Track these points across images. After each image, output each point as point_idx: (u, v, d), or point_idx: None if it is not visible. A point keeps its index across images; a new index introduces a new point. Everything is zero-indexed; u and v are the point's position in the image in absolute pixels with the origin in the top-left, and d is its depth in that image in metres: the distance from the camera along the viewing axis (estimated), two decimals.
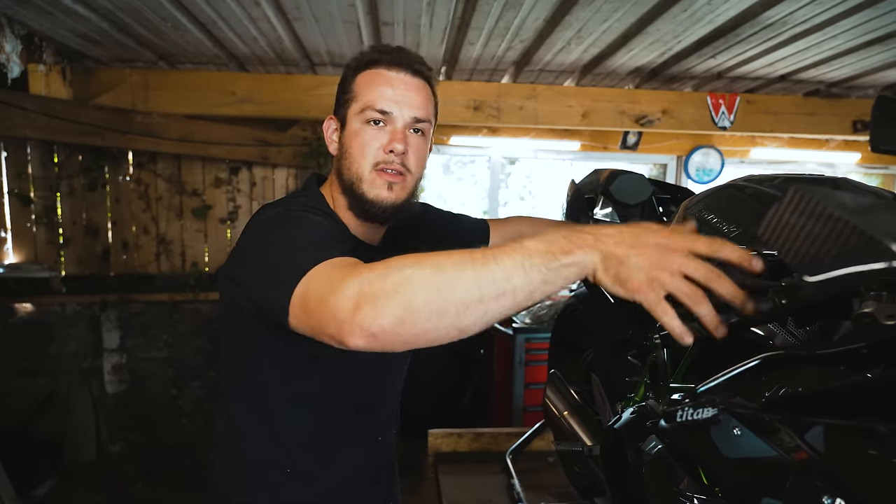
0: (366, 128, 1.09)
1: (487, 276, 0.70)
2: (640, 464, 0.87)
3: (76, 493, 3.55)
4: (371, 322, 0.71)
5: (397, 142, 1.08)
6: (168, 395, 4.24)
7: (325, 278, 0.79)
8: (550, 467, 2.10)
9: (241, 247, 1.04)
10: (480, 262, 0.70)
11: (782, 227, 0.63)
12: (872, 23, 2.78)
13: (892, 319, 0.55)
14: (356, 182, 1.10)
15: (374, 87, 1.10)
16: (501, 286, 0.69)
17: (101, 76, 3.75)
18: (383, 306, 0.71)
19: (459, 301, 0.70)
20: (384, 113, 1.09)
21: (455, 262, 0.71)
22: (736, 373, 0.64)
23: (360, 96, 1.10)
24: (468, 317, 0.71)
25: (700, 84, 4.07)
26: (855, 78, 3.80)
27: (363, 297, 0.72)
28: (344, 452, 1.17)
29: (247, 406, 1.13)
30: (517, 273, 0.69)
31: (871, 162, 5.23)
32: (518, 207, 5.30)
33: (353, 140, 1.10)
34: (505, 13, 2.79)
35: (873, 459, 0.51)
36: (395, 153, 1.08)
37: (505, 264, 0.70)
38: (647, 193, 1.67)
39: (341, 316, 0.73)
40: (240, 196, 4.37)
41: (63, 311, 4.00)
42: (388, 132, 1.09)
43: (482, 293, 0.70)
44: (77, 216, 4.12)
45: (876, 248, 0.53)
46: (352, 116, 1.11)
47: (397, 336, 0.72)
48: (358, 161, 1.10)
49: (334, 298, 0.75)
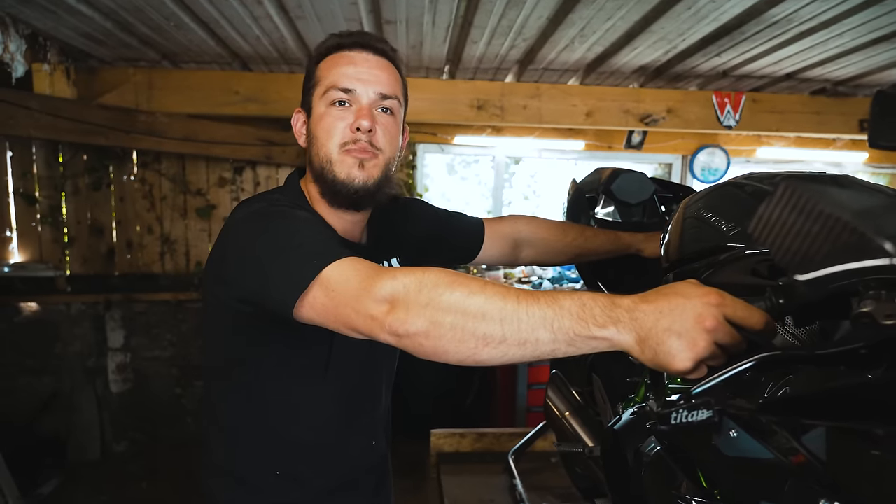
0: (331, 109, 1.06)
1: (514, 323, 0.70)
2: (640, 465, 0.86)
3: (80, 491, 3.57)
4: (399, 326, 0.75)
5: (363, 118, 1.05)
6: (172, 394, 4.25)
7: (352, 274, 0.82)
8: (553, 468, 2.09)
9: (224, 244, 1.01)
10: (512, 306, 0.71)
11: (773, 224, 0.62)
12: (879, 20, 2.75)
13: (890, 319, 0.54)
14: (326, 166, 1.07)
15: (336, 67, 1.07)
16: (525, 335, 0.70)
17: (105, 76, 3.76)
18: (415, 316, 0.74)
19: (482, 335, 0.71)
20: (347, 91, 1.06)
21: (487, 297, 0.73)
22: (732, 373, 0.63)
23: (322, 80, 1.08)
24: (487, 352, 0.72)
25: (705, 83, 4.04)
26: (861, 76, 3.77)
27: (396, 301, 0.76)
28: (335, 455, 1.16)
29: (237, 409, 1.11)
30: (544, 329, 0.69)
31: (878, 161, 5.18)
32: (522, 207, 5.29)
33: (319, 123, 1.07)
34: (508, 11, 2.78)
35: (871, 462, 0.50)
36: (362, 130, 1.05)
37: (535, 317, 0.70)
38: (648, 192, 1.66)
39: (374, 313, 0.77)
40: (244, 195, 4.36)
41: (68, 311, 4.02)
42: (354, 111, 1.06)
43: (505, 335, 0.71)
44: (82, 215, 4.14)
45: (867, 245, 0.52)
46: (316, 101, 1.09)
47: (419, 346, 0.75)
48: (325, 144, 1.06)
49: (367, 297, 0.78)
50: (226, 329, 1.07)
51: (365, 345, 1.11)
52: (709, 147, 4.84)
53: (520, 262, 1.51)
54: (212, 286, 1.05)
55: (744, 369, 0.62)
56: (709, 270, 0.88)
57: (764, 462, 0.59)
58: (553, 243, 1.47)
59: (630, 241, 1.48)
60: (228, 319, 1.04)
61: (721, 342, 0.65)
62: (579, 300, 0.70)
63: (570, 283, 4.20)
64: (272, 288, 0.88)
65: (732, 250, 0.85)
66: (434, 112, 3.99)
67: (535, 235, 1.46)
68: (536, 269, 4.52)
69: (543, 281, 4.23)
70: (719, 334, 0.64)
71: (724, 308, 0.65)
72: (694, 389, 0.65)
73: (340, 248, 0.89)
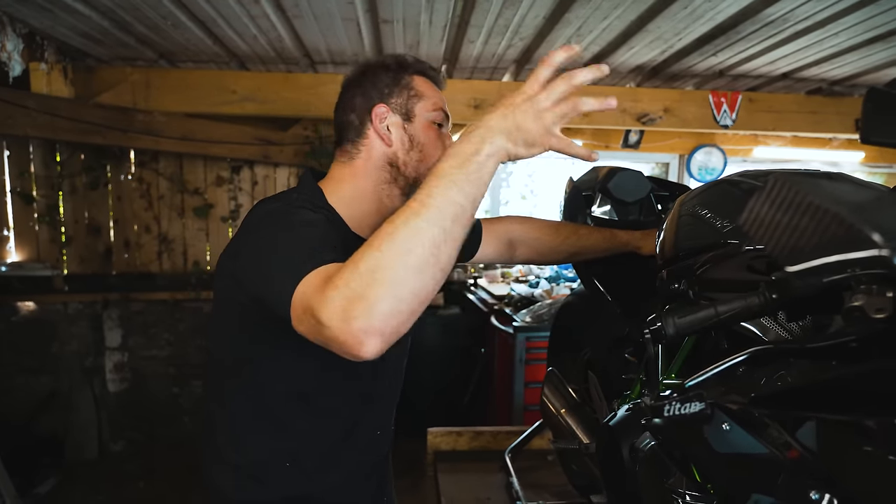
0: (434, 127, 1.17)
1: (434, 213, 0.75)
2: (635, 461, 0.86)
3: (78, 491, 3.56)
4: (370, 322, 0.70)
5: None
6: (170, 393, 4.25)
7: (313, 291, 0.78)
8: (549, 466, 2.09)
9: (238, 244, 1.04)
10: (421, 207, 0.75)
11: (763, 218, 0.62)
12: (874, 20, 2.76)
13: (881, 313, 0.54)
14: (425, 175, 1.10)
15: (434, 92, 1.19)
16: (451, 211, 0.75)
17: (103, 75, 3.75)
18: (374, 297, 0.70)
19: (430, 245, 0.74)
20: (447, 117, 1.19)
21: (402, 222, 0.75)
22: (725, 367, 0.63)
23: (427, 97, 1.17)
24: (444, 253, 0.75)
25: (702, 82, 4.05)
26: (857, 76, 3.78)
27: (348, 304, 0.71)
28: (344, 446, 1.17)
29: (247, 403, 1.12)
30: (455, 191, 0.76)
31: (875, 160, 5.20)
32: (520, 206, 5.29)
33: (427, 135, 1.16)
34: (504, 11, 2.78)
35: (861, 454, 0.50)
36: None
37: (439, 195, 0.76)
38: (645, 191, 1.66)
39: (339, 335, 0.72)
40: (241, 195, 4.37)
41: (65, 310, 4.01)
42: (447, 136, 1.20)
43: (442, 227, 0.75)
44: (79, 215, 4.14)
45: (856, 236, 0.52)
46: (422, 112, 1.16)
47: (400, 314, 0.72)
48: (433, 157, 1.15)
49: (324, 319, 0.73)
50: (236, 325, 1.08)
51: None
52: (706, 146, 4.85)
53: (515, 260, 1.54)
54: (223, 281, 1.07)
55: (736, 363, 0.63)
56: (704, 267, 0.88)
57: (756, 455, 0.59)
58: (546, 242, 1.49)
59: (626, 238, 1.49)
60: (239, 316, 1.05)
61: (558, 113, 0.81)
62: (446, 157, 0.79)
63: (568, 281, 4.20)
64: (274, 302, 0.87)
65: (727, 247, 0.85)
66: None
67: (528, 235, 1.49)
68: (534, 269, 4.52)
69: (541, 280, 4.23)
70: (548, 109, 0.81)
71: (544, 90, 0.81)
72: (687, 383, 0.65)
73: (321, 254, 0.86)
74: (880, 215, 0.55)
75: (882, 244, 0.50)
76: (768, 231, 0.62)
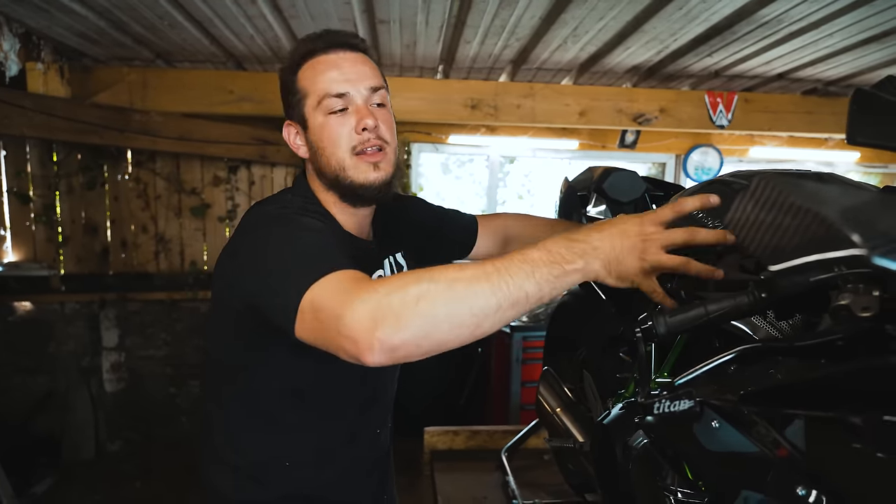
0: (331, 118, 1.08)
1: (503, 288, 0.76)
2: (628, 459, 0.87)
3: (75, 491, 3.56)
4: (391, 336, 0.74)
5: (366, 117, 1.07)
6: (167, 393, 4.25)
7: (335, 292, 0.80)
8: (545, 465, 2.10)
9: (235, 246, 1.04)
10: (494, 276, 0.76)
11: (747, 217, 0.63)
12: (868, 20, 2.78)
13: (867, 311, 0.56)
14: (340, 173, 1.09)
15: (320, 75, 1.08)
16: (515, 295, 0.76)
17: (100, 74, 3.75)
18: (407, 320, 0.74)
19: (479, 311, 0.75)
20: (341, 95, 1.07)
21: (469, 277, 0.76)
22: (714, 365, 0.64)
23: (310, 90, 1.09)
24: (486, 324, 0.77)
25: (697, 82, 4.07)
26: (852, 76, 3.80)
27: (380, 313, 0.74)
28: (343, 445, 1.18)
29: (246, 405, 1.12)
30: (529, 283, 0.76)
31: (870, 161, 5.22)
32: (516, 206, 5.30)
33: (322, 134, 1.09)
34: (501, 11, 2.79)
35: (846, 450, 0.51)
36: (369, 129, 1.07)
37: (517, 276, 0.76)
38: (640, 191, 1.67)
39: (357, 334, 0.75)
40: (238, 195, 4.38)
41: (62, 310, 4.01)
42: (353, 113, 1.08)
43: (499, 303, 0.75)
44: (76, 215, 4.13)
45: (836, 236, 0.53)
46: (311, 112, 1.09)
47: (417, 347, 0.76)
48: (335, 152, 1.08)
49: (349, 316, 0.76)
50: (231, 331, 1.08)
51: None
52: (702, 146, 4.87)
53: None
54: (220, 284, 1.07)
55: (725, 361, 0.64)
56: None
57: (745, 452, 0.60)
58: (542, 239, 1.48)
59: None
60: (234, 322, 1.06)
61: (662, 263, 0.80)
62: (543, 248, 0.79)
63: None
64: (273, 309, 0.89)
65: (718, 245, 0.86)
66: (428, 112, 4.00)
67: (525, 232, 1.49)
68: None
69: None
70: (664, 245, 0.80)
71: (665, 233, 0.80)
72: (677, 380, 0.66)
73: (335, 258, 0.88)
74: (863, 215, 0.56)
75: (860, 244, 0.51)
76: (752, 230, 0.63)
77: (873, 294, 0.56)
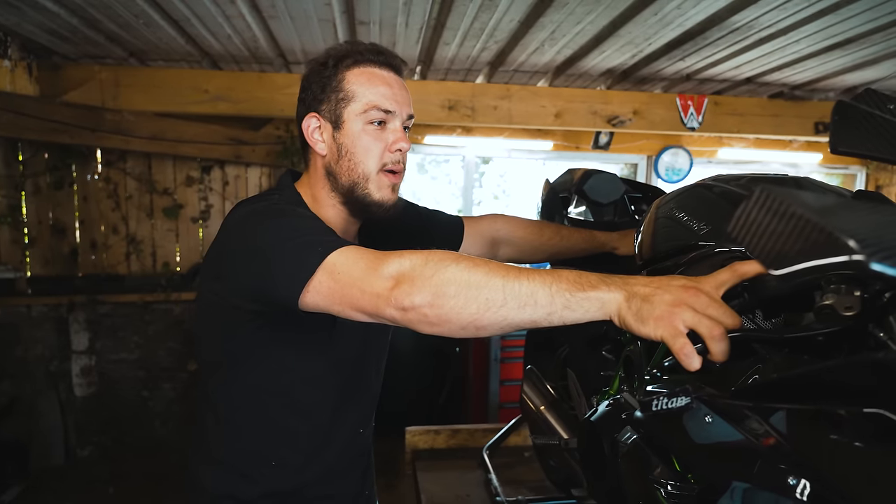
0: (369, 128, 1.10)
1: (515, 286, 0.77)
2: (616, 454, 0.90)
3: (44, 499, 3.48)
4: (405, 298, 0.80)
5: (403, 141, 1.12)
6: (139, 397, 4.17)
7: (356, 259, 0.87)
8: (526, 462, 2.13)
9: (222, 242, 1.04)
10: (513, 275, 0.78)
11: (749, 225, 0.67)
12: (833, 28, 2.88)
13: (850, 311, 0.59)
14: (361, 183, 1.11)
15: (372, 86, 1.10)
16: (525, 298, 0.76)
17: (70, 73, 3.67)
18: (420, 287, 0.80)
19: (485, 299, 0.77)
20: (388, 112, 1.10)
21: (489, 268, 0.79)
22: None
23: (358, 96, 1.09)
24: (488, 316, 0.78)
25: (670, 85, 4.16)
26: (817, 81, 3.93)
27: (402, 276, 0.81)
28: (328, 443, 1.19)
29: (235, 403, 1.13)
30: (543, 291, 0.75)
31: (832, 162, 5.40)
32: (492, 206, 5.34)
33: (357, 141, 1.10)
34: (480, 14, 2.82)
35: (835, 441, 0.55)
36: (403, 151, 1.12)
37: (534, 281, 0.76)
38: (619, 192, 1.71)
39: (379, 290, 0.82)
40: (212, 195, 4.32)
41: (29, 313, 3.91)
42: (391, 131, 1.11)
43: (506, 298, 0.76)
44: (43, 215, 4.03)
45: (834, 243, 0.57)
46: (351, 116, 1.10)
47: (423, 316, 0.80)
48: (365, 163, 1.10)
49: (373, 276, 0.83)
50: (223, 326, 1.08)
51: (360, 335, 1.17)
52: (673, 148, 4.97)
53: (498, 259, 1.54)
54: (208, 284, 1.07)
55: None
56: (681, 267, 0.93)
57: (736, 445, 0.63)
58: (531, 241, 1.50)
59: (604, 239, 1.53)
60: (226, 316, 1.06)
61: (694, 325, 0.67)
62: (577, 272, 0.78)
63: None
64: (277, 278, 0.91)
65: (703, 248, 0.90)
66: None
67: (513, 234, 1.50)
68: None
69: None
70: (711, 305, 0.68)
71: (700, 296, 0.69)
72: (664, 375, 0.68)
73: (343, 239, 0.93)
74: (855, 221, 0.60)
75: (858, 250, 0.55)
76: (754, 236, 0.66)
77: (855, 294, 0.60)
